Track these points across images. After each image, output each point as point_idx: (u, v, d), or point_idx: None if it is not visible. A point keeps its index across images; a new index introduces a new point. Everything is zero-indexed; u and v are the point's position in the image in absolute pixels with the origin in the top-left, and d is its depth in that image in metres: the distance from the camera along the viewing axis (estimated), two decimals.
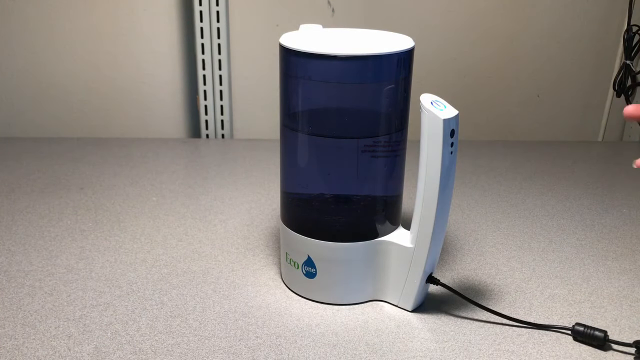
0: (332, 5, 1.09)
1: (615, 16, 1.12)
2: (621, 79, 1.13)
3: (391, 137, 0.60)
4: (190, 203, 0.87)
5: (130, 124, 1.16)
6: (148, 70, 1.12)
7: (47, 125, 1.15)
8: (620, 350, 0.58)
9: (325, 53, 0.54)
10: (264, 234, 0.78)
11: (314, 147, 0.60)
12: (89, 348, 0.56)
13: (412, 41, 0.59)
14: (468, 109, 1.15)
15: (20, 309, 0.62)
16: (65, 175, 0.95)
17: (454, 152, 0.56)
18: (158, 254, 0.73)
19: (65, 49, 1.10)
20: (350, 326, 0.61)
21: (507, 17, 1.11)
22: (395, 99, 0.59)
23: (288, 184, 0.64)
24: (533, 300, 0.65)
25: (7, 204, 0.85)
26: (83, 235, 0.77)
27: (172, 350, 0.56)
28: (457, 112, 0.55)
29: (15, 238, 0.76)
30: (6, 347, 0.56)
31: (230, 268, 0.71)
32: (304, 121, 0.60)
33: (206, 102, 1.13)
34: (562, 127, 1.20)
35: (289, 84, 0.60)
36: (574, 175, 0.99)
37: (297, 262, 0.64)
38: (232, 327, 0.60)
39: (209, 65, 1.10)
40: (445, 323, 0.61)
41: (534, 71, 1.15)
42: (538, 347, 0.58)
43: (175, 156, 1.06)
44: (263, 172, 0.98)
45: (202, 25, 1.07)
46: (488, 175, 0.98)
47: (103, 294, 0.65)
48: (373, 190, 0.62)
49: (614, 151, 1.16)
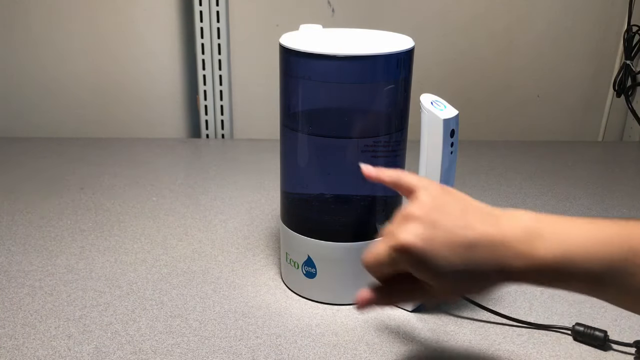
0: (332, 5, 1.09)
1: (615, 16, 1.12)
2: (621, 79, 1.13)
3: (391, 137, 0.60)
4: (190, 203, 0.87)
5: (130, 124, 1.16)
6: (148, 70, 1.12)
7: (47, 125, 1.15)
8: (620, 350, 0.58)
9: (325, 53, 0.54)
10: (264, 234, 0.78)
11: (314, 147, 0.60)
12: (89, 348, 0.56)
13: (412, 41, 0.59)
14: (468, 109, 1.15)
15: (20, 309, 0.62)
16: (65, 175, 0.95)
17: (454, 152, 0.56)
18: (158, 254, 0.73)
19: (65, 49, 1.10)
20: (350, 326, 0.61)
21: (507, 17, 1.11)
22: (395, 99, 0.59)
23: (288, 184, 0.64)
24: (533, 300, 0.65)
25: (7, 204, 0.85)
26: (83, 235, 0.77)
27: (172, 350, 0.56)
28: (457, 112, 0.55)
29: (15, 238, 0.76)
30: (6, 347, 0.56)
31: (230, 268, 0.71)
32: (304, 121, 0.60)
33: (206, 102, 1.13)
34: (562, 127, 1.20)
35: (289, 84, 0.60)
36: (574, 175, 0.99)
37: (297, 262, 0.64)
38: (232, 327, 0.60)
39: (209, 65, 1.10)
40: (445, 323, 0.61)
41: (534, 71, 1.15)
42: (538, 347, 0.58)
43: (175, 156, 1.06)
44: (263, 172, 0.98)
45: (202, 25, 1.07)
46: (488, 175, 0.98)
47: (103, 294, 0.65)
48: (373, 190, 0.62)
49: (614, 151, 1.16)
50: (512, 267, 0.41)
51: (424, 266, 0.42)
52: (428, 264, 0.42)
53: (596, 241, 0.41)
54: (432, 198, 0.44)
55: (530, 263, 0.41)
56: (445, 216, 0.43)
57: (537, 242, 0.41)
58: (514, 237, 0.41)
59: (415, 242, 0.42)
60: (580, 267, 0.40)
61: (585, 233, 0.41)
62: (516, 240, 0.41)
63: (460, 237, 0.42)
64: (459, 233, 0.42)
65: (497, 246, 0.41)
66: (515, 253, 0.41)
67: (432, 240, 0.42)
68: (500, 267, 0.41)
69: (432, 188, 0.45)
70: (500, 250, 0.41)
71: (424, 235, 0.42)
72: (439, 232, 0.42)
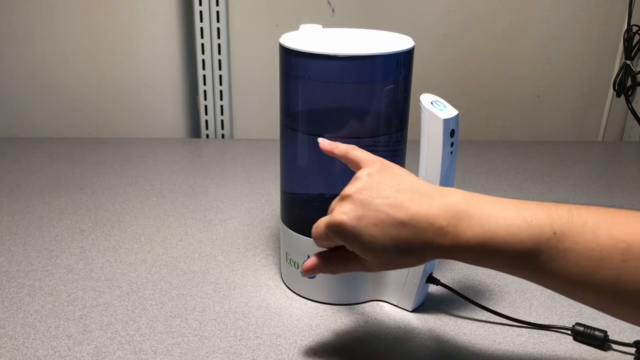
0: (332, 5, 1.09)
1: (615, 16, 1.12)
2: (621, 79, 1.13)
3: (391, 137, 0.60)
4: (190, 203, 0.87)
5: (130, 124, 1.16)
6: (148, 70, 1.12)
7: (47, 125, 1.15)
8: (620, 350, 0.58)
9: (325, 53, 0.54)
10: (264, 234, 0.78)
11: (314, 147, 0.60)
12: (89, 348, 0.56)
13: (412, 41, 0.59)
14: (468, 109, 1.15)
15: (20, 309, 0.62)
16: (65, 175, 0.95)
17: (454, 152, 0.56)
18: (158, 254, 0.73)
19: (65, 49, 1.10)
20: (350, 326, 0.61)
21: (507, 17, 1.11)
22: (395, 99, 0.59)
23: (288, 184, 0.64)
24: (533, 300, 0.65)
25: (7, 204, 0.85)
26: (83, 235, 0.77)
27: (172, 350, 0.56)
28: (457, 112, 0.55)
29: (15, 238, 0.76)
30: (6, 347, 0.56)
31: (230, 268, 0.71)
32: (304, 121, 0.60)
33: (206, 102, 1.13)
34: (562, 127, 1.20)
35: (289, 84, 0.60)
36: (574, 175, 0.99)
37: (297, 262, 0.64)
38: (232, 327, 0.60)
39: (209, 65, 1.10)
40: (445, 323, 0.61)
41: (533, 71, 1.15)
42: (538, 347, 0.58)
43: (175, 156, 1.06)
44: (263, 172, 0.98)
45: (202, 25, 1.07)
46: (488, 175, 0.98)
47: (103, 294, 0.65)
48: None
49: (614, 151, 1.16)
50: (439, 245, 0.44)
51: (355, 242, 0.46)
52: (359, 241, 0.46)
53: (521, 223, 0.42)
54: (368, 177, 0.47)
55: (455, 243, 0.43)
56: (377, 196, 0.46)
57: (463, 222, 0.43)
58: (441, 218, 0.44)
59: (345, 220, 0.46)
60: (503, 249, 0.42)
61: (512, 215, 0.42)
62: (444, 220, 0.44)
63: (389, 217, 0.45)
64: (388, 212, 0.45)
65: (424, 226, 0.44)
66: (441, 233, 0.44)
67: (360, 219, 0.45)
68: (427, 245, 0.44)
69: (373, 166, 0.49)
70: (427, 231, 0.44)
71: (353, 214, 0.46)
72: (368, 212, 0.45)
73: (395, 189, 0.46)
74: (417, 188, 0.46)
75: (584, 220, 0.41)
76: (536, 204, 0.43)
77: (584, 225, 0.40)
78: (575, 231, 0.40)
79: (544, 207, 0.42)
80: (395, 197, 0.45)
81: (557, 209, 0.42)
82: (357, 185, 0.47)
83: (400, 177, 0.48)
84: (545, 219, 0.41)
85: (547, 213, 0.42)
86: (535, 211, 0.42)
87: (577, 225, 0.40)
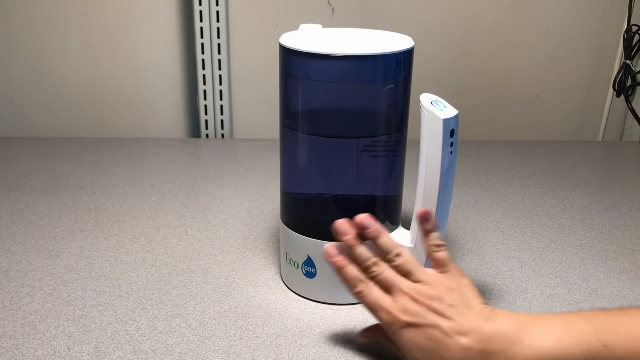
0: (332, 5, 1.09)
1: (615, 16, 1.12)
2: (621, 79, 1.13)
3: (391, 137, 0.60)
4: (190, 203, 0.87)
5: (130, 124, 1.16)
6: (148, 70, 1.12)
7: (47, 125, 1.15)
8: None
9: (325, 53, 0.54)
10: (264, 234, 0.78)
11: (314, 147, 0.60)
12: (89, 348, 0.56)
13: (412, 41, 0.59)
14: (468, 109, 1.15)
15: (20, 309, 0.62)
16: (65, 175, 0.95)
17: (454, 152, 0.56)
18: (158, 254, 0.73)
19: (65, 48, 1.10)
20: (350, 326, 0.61)
21: (507, 17, 1.11)
22: (395, 99, 0.59)
23: (288, 184, 0.64)
24: (533, 300, 0.65)
25: (7, 204, 0.85)
26: (83, 235, 0.77)
27: (172, 350, 0.56)
28: (457, 112, 0.55)
29: (15, 238, 0.76)
30: (6, 347, 0.56)
31: (230, 268, 0.71)
32: (304, 121, 0.60)
33: (206, 102, 1.13)
34: (562, 127, 1.20)
35: (289, 84, 0.60)
36: (574, 175, 0.99)
37: (297, 262, 0.64)
38: (232, 327, 0.60)
39: (209, 65, 1.10)
40: None
41: (534, 71, 1.15)
42: None
43: (175, 156, 1.06)
44: (263, 172, 0.98)
45: (202, 25, 1.07)
46: (488, 175, 0.98)
47: (103, 294, 0.65)
48: (373, 190, 0.62)
49: (614, 151, 1.16)
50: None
51: (395, 343, 0.52)
52: (399, 346, 0.51)
53: (571, 342, 0.45)
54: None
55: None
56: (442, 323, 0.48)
57: (515, 348, 0.46)
58: (496, 347, 0.47)
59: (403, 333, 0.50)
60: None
61: (560, 334, 0.45)
62: (498, 349, 0.47)
63: (443, 344, 0.48)
64: (445, 341, 0.48)
65: (479, 354, 0.47)
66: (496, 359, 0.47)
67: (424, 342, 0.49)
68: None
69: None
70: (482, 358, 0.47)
71: (417, 333, 0.49)
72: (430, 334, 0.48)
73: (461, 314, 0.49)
74: (471, 310, 0.49)
75: (628, 329, 0.44)
76: (580, 319, 0.46)
77: (630, 334, 0.44)
78: (622, 340, 0.44)
79: (588, 321, 0.46)
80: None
81: (600, 319, 0.46)
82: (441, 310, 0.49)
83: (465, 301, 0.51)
84: (592, 332, 0.45)
85: (592, 326, 0.45)
86: (581, 325, 0.45)
87: (622, 335, 0.44)
